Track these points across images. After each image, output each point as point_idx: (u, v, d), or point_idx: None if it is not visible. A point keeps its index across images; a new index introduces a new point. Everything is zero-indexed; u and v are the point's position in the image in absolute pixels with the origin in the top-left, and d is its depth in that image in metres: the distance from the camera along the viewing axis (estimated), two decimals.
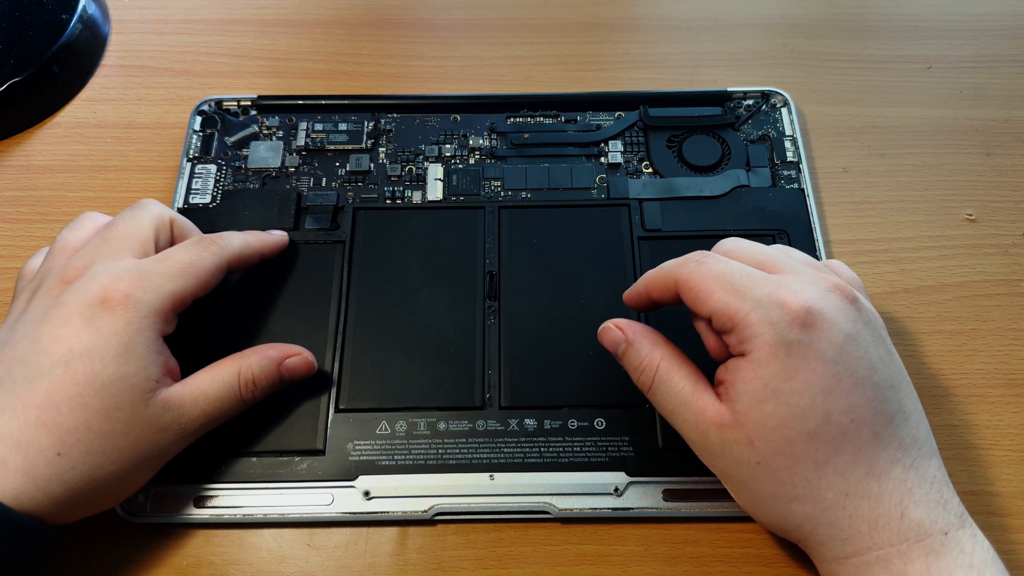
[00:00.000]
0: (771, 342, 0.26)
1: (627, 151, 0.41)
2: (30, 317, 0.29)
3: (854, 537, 0.26)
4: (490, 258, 0.37)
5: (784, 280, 0.27)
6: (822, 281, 0.28)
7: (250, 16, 0.47)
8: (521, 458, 0.33)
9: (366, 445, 0.33)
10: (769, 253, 0.30)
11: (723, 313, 0.27)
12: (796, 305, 0.26)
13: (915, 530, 0.26)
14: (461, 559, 0.31)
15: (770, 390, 0.26)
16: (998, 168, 0.41)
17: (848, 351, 0.26)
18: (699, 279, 0.28)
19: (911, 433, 0.27)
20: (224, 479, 0.32)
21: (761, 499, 0.28)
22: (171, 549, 0.31)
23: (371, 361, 0.35)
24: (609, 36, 0.47)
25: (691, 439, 0.29)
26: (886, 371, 0.27)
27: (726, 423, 0.27)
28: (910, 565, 0.25)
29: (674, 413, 0.29)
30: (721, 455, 0.28)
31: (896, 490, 0.26)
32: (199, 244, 0.32)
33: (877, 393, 0.26)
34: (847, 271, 0.31)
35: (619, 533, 0.32)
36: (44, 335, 0.28)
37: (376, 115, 0.42)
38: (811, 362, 0.26)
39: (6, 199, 0.41)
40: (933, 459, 0.27)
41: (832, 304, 0.27)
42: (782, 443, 0.26)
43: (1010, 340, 0.36)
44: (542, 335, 0.35)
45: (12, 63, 0.42)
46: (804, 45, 0.46)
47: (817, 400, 0.26)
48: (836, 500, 0.26)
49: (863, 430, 0.26)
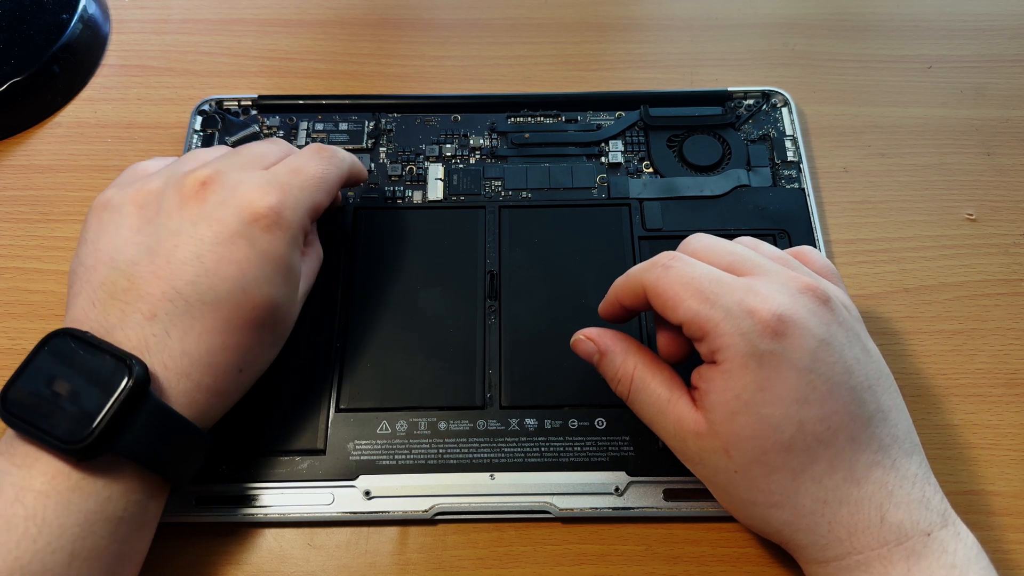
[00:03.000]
0: (743, 353, 0.26)
1: (628, 151, 0.41)
2: (177, 225, 0.28)
3: (834, 543, 0.26)
4: (491, 258, 0.37)
5: (754, 285, 0.27)
6: (793, 282, 0.27)
7: (250, 16, 0.47)
8: (522, 458, 0.33)
9: (367, 445, 0.33)
10: (738, 252, 0.29)
11: (693, 322, 0.27)
12: (767, 313, 0.26)
13: (895, 533, 0.25)
14: (461, 559, 0.31)
15: (742, 402, 0.26)
16: (998, 168, 0.41)
17: (822, 357, 0.26)
18: (667, 285, 0.27)
19: (890, 432, 0.27)
20: (225, 479, 0.32)
21: (741, 504, 0.28)
22: (171, 549, 0.31)
23: (372, 361, 0.35)
24: (609, 36, 0.47)
25: (671, 445, 0.29)
26: (862, 372, 0.27)
27: (702, 432, 0.27)
28: (891, 568, 0.25)
29: (653, 420, 0.29)
30: (700, 462, 0.28)
31: (876, 494, 0.26)
32: (322, 155, 0.33)
33: (853, 397, 0.26)
34: (819, 259, 0.31)
35: (619, 533, 0.32)
36: (208, 254, 0.28)
37: (376, 115, 0.42)
38: (783, 372, 0.25)
39: (6, 199, 0.41)
40: (914, 456, 0.27)
41: (804, 308, 0.26)
42: (757, 453, 0.26)
43: (1010, 340, 0.36)
44: (543, 334, 0.35)
45: (12, 63, 0.42)
46: (804, 45, 0.46)
47: (791, 411, 0.26)
48: (814, 507, 0.26)
49: (839, 436, 0.26)
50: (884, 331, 0.37)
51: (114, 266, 0.28)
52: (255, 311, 0.28)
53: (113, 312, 0.27)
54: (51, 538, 0.24)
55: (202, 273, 0.27)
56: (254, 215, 0.29)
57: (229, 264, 0.28)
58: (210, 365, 0.28)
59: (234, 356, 0.28)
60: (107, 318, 0.27)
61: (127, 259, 0.28)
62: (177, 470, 0.28)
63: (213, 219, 0.28)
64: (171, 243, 0.28)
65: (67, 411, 0.25)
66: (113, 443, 0.25)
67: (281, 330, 0.31)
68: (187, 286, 0.27)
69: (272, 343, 0.31)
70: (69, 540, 0.24)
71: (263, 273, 0.28)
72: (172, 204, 0.29)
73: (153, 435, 0.26)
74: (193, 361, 0.27)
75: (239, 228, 0.28)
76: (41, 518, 0.24)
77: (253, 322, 0.28)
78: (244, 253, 0.28)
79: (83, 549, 0.25)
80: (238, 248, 0.28)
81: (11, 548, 0.24)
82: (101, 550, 0.25)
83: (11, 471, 0.25)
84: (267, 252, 0.29)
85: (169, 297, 0.27)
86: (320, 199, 0.32)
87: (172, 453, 0.27)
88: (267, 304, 0.29)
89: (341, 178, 0.33)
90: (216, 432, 0.31)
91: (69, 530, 0.25)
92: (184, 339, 0.27)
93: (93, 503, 0.25)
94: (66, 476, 0.25)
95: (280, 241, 0.29)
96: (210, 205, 0.29)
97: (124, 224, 0.29)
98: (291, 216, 0.30)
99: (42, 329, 0.36)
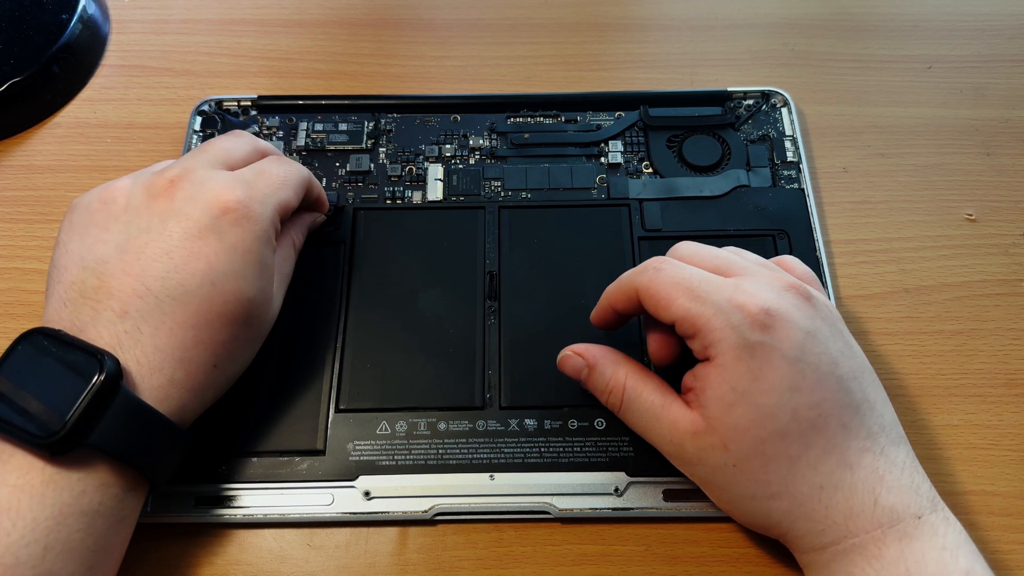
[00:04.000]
0: (735, 345, 0.27)
1: (627, 151, 0.41)
2: (146, 222, 0.29)
3: (831, 528, 0.27)
4: (490, 258, 0.37)
5: (741, 283, 0.28)
6: (777, 281, 0.29)
7: (250, 16, 0.47)
8: (521, 458, 0.33)
9: (366, 445, 0.33)
10: (724, 257, 0.30)
11: (685, 319, 0.28)
12: (755, 307, 0.27)
13: (888, 516, 0.26)
14: (461, 559, 0.31)
15: (738, 393, 0.27)
16: (998, 168, 0.41)
17: (809, 347, 0.27)
18: (659, 286, 0.29)
19: (877, 421, 0.28)
20: (224, 479, 0.32)
21: (740, 500, 0.28)
22: (171, 549, 0.31)
23: (371, 361, 0.35)
24: (609, 36, 0.47)
25: (666, 451, 0.30)
26: (847, 364, 0.28)
27: (699, 430, 0.28)
28: (885, 550, 0.26)
29: (647, 428, 0.30)
30: (698, 463, 0.29)
31: (868, 478, 0.27)
32: (281, 160, 0.33)
33: (841, 386, 0.27)
34: (799, 266, 0.32)
35: (619, 533, 0.32)
36: (177, 250, 0.28)
37: (376, 115, 0.42)
38: (774, 362, 0.27)
39: (6, 199, 0.41)
40: (901, 445, 0.28)
41: (789, 303, 0.28)
42: (755, 443, 0.27)
43: (1010, 340, 0.36)
44: (542, 335, 0.35)
45: (12, 63, 0.42)
46: (804, 45, 0.46)
47: (784, 398, 0.27)
48: (811, 493, 0.27)
49: (830, 422, 0.27)
50: (884, 331, 0.37)
51: (84, 265, 0.28)
52: (226, 305, 0.28)
53: (85, 311, 0.27)
54: (24, 531, 0.24)
55: (171, 269, 0.28)
56: (223, 209, 0.29)
57: (198, 259, 0.28)
58: (183, 360, 0.28)
59: (208, 351, 0.28)
60: (79, 317, 0.27)
61: (96, 258, 0.28)
62: (153, 465, 0.27)
63: (182, 215, 0.29)
64: (140, 240, 0.28)
65: (40, 407, 0.25)
66: (85, 437, 0.25)
67: (257, 326, 0.31)
68: (156, 282, 0.27)
69: (248, 339, 0.31)
70: (43, 533, 0.25)
71: (232, 267, 0.29)
72: (140, 202, 0.29)
73: (126, 429, 0.26)
74: (166, 356, 0.27)
75: (208, 223, 0.28)
76: (15, 511, 0.24)
77: (224, 316, 0.28)
78: (213, 248, 0.28)
79: (57, 542, 0.25)
80: (207, 243, 0.28)
81: None
82: (76, 543, 0.25)
83: None
84: (236, 246, 0.29)
85: (139, 294, 0.27)
86: (287, 196, 0.32)
87: (146, 447, 0.27)
88: (238, 298, 0.29)
89: (302, 182, 0.34)
90: (215, 432, 0.31)
91: (43, 523, 0.25)
92: (156, 335, 0.27)
93: (67, 496, 0.25)
94: (40, 470, 0.25)
95: (250, 234, 0.29)
96: (178, 201, 0.29)
97: (93, 223, 0.29)
98: (259, 210, 0.30)
99: None
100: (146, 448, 0.27)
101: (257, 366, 0.32)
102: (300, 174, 0.34)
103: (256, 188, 0.31)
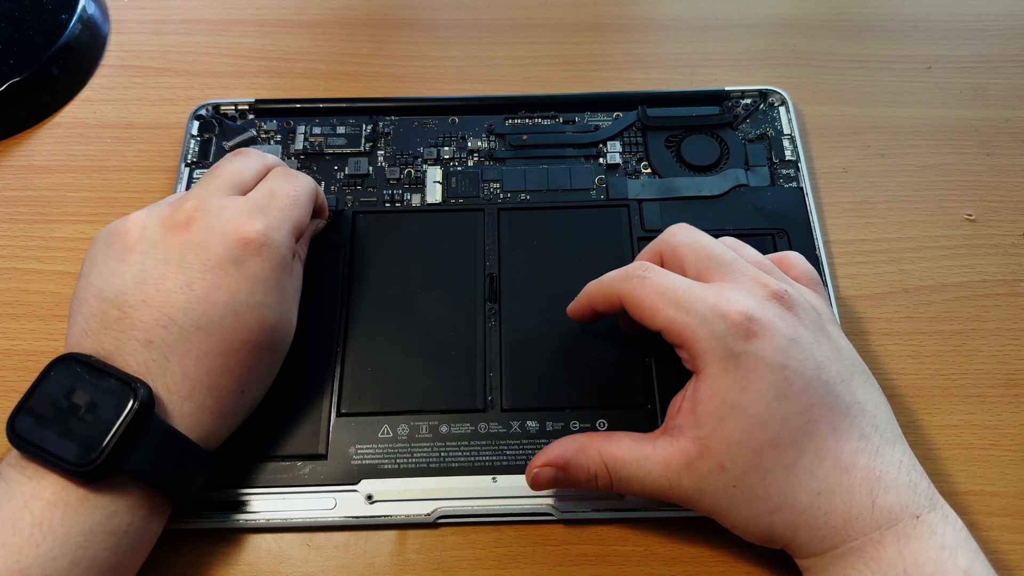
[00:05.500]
0: (720, 356, 0.27)
1: (626, 151, 0.41)
2: (164, 254, 0.29)
3: (831, 533, 0.27)
4: (490, 260, 0.37)
5: (723, 291, 0.28)
6: (760, 290, 0.29)
7: (250, 16, 0.47)
8: (524, 460, 0.33)
9: (368, 449, 0.33)
10: (716, 254, 0.30)
11: (671, 329, 0.28)
12: (737, 315, 0.27)
13: (886, 517, 0.26)
14: (461, 559, 0.32)
15: (728, 405, 0.27)
16: (998, 168, 0.41)
17: (793, 354, 0.27)
18: (644, 296, 0.29)
19: (870, 422, 0.28)
20: (227, 484, 0.32)
21: (744, 521, 0.28)
22: (171, 552, 0.31)
23: (372, 365, 0.35)
24: (609, 36, 0.47)
25: (669, 496, 0.28)
26: (834, 368, 0.28)
27: (692, 458, 0.28)
28: (883, 551, 0.26)
29: (644, 483, 0.29)
30: (698, 495, 0.28)
31: (865, 480, 0.27)
32: (288, 175, 0.33)
33: (828, 390, 0.27)
34: (801, 263, 0.32)
35: (619, 533, 0.32)
36: (198, 281, 0.28)
37: (374, 118, 0.42)
38: (760, 370, 0.27)
39: (6, 199, 0.40)
40: (897, 444, 0.28)
41: (770, 312, 0.28)
42: (750, 455, 0.27)
43: (1010, 340, 0.36)
44: (543, 336, 0.35)
45: (12, 63, 0.42)
46: (804, 45, 0.46)
47: (772, 406, 0.27)
48: (810, 501, 0.27)
49: (820, 426, 0.27)
50: (884, 331, 0.37)
51: (103, 297, 0.28)
52: (250, 333, 0.29)
53: (108, 340, 0.27)
54: (54, 545, 0.25)
55: (193, 300, 0.28)
56: (242, 240, 0.29)
57: (219, 290, 0.28)
58: (212, 387, 0.28)
59: (235, 377, 0.29)
60: (103, 346, 0.27)
61: (115, 290, 0.28)
62: (181, 489, 0.28)
63: (200, 247, 0.29)
64: (158, 272, 0.28)
65: (74, 435, 0.25)
66: (120, 465, 0.26)
67: (281, 348, 0.31)
68: (179, 312, 0.28)
69: (272, 362, 0.31)
70: (71, 549, 0.25)
71: (254, 297, 0.29)
72: (156, 234, 0.29)
73: (159, 456, 0.27)
74: (195, 384, 0.28)
75: (226, 254, 0.29)
76: (47, 525, 0.25)
77: (249, 343, 0.29)
78: (234, 278, 0.28)
79: (83, 559, 0.25)
80: (227, 274, 0.28)
81: (14, 551, 0.24)
82: (101, 562, 0.26)
83: (22, 480, 0.26)
84: (257, 275, 0.29)
85: (162, 324, 0.27)
86: (300, 216, 0.32)
87: (177, 473, 0.28)
88: (261, 326, 0.29)
89: (311, 197, 0.34)
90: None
91: (72, 539, 0.25)
92: (183, 363, 0.27)
93: (99, 515, 0.26)
94: (74, 489, 0.26)
95: (269, 263, 0.29)
96: (195, 233, 0.29)
97: (110, 256, 0.29)
98: (277, 237, 0.30)
99: (41, 329, 0.37)
100: (177, 474, 0.28)
101: None
102: (308, 189, 0.34)
103: (271, 215, 0.31)
